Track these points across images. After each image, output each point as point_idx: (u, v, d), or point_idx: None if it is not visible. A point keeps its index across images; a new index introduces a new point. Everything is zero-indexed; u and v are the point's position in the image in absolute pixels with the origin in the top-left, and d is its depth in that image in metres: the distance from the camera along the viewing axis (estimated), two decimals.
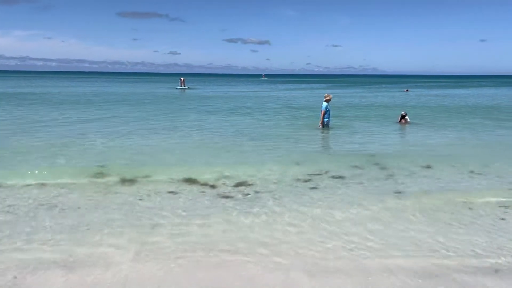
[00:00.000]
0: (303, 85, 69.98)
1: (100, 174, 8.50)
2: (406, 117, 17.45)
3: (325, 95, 15.53)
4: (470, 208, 6.74)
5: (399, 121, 17.52)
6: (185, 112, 21.59)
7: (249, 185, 7.98)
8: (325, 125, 15.25)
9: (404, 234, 5.71)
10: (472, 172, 9.10)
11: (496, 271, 4.67)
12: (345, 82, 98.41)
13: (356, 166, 9.51)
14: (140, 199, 7.07)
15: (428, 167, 9.50)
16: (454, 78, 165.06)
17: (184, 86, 49.53)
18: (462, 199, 7.21)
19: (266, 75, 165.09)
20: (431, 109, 25.33)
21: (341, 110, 22.16)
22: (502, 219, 6.29)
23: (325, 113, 15.17)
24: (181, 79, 51.70)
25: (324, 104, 15.20)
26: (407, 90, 51.04)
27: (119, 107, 24.06)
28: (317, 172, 8.90)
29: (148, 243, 5.30)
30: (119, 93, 37.90)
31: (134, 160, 10.03)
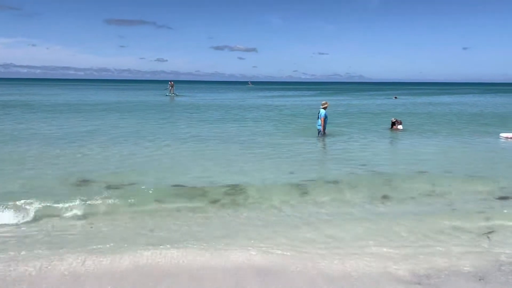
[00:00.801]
0: (290, 92, 70.36)
1: (88, 182, 8.52)
2: (400, 126, 17.70)
3: (323, 102, 15.74)
4: (456, 215, 6.94)
5: (391, 128, 17.82)
6: (176, 120, 21.58)
7: (241, 192, 8.04)
8: (321, 133, 15.47)
9: (390, 240, 5.85)
10: (463, 179, 9.36)
11: (480, 279, 4.79)
12: (332, 89, 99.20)
13: (350, 173, 9.68)
14: (130, 205, 7.15)
15: (421, 173, 9.74)
16: (439, 86, 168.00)
17: (173, 93, 49.43)
18: (450, 206, 7.45)
19: (253, 82, 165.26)
20: (419, 116, 25.77)
21: (332, 117, 22.33)
22: (488, 227, 6.45)
23: (324, 120, 15.39)
24: (170, 83, 51.40)
25: (322, 111, 15.42)
26: (395, 97, 51.43)
27: (109, 115, 23.93)
28: (310, 179, 9.02)
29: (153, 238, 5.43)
30: (108, 102, 37.61)
31: (123, 169, 9.92)
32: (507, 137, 15.87)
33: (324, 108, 15.43)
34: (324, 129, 15.47)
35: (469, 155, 12.56)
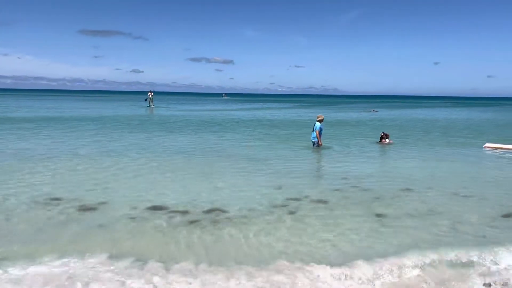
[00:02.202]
0: (268, 105, 70.45)
1: (60, 201, 7.99)
2: (387, 140, 17.61)
3: (318, 115, 15.93)
4: (445, 228, 6.86)
5: (379, 142, 17.73)
6: (155, 133, 20.95)
7: (223, 211, 7.64)
8: (315, 144, 15.48)
9: (374, 254, 5.70)
10: (453, 194, 9.22)
11: None
12: (308, 102, 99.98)
13: (337, 190, 9.39)
14: (100, 225, 6.64)
15: (408, 190, 9.54)
16: (412, 99, 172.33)
17: (153, 105, 48.34)
18: (440, 221, 7.27)
19: (230, 95, 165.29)
20: (401, 128, 25.94)
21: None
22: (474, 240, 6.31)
23: (319, 133, 15.39)
24: (149, 93, 49.77)
25: (318, 124, 15.47)
26: (374, 110, 51.49)
27: (87, 130, 23.10)
28: (296, 197, 8.68)
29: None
30: (85, 115, 36.41)
31: (97, 187, 9.37)
32: (492, 148, 16.32)
33: (319, 121, 15.49)
34: (320, 141, 15.51)
35: (460, 169, 12.46)
